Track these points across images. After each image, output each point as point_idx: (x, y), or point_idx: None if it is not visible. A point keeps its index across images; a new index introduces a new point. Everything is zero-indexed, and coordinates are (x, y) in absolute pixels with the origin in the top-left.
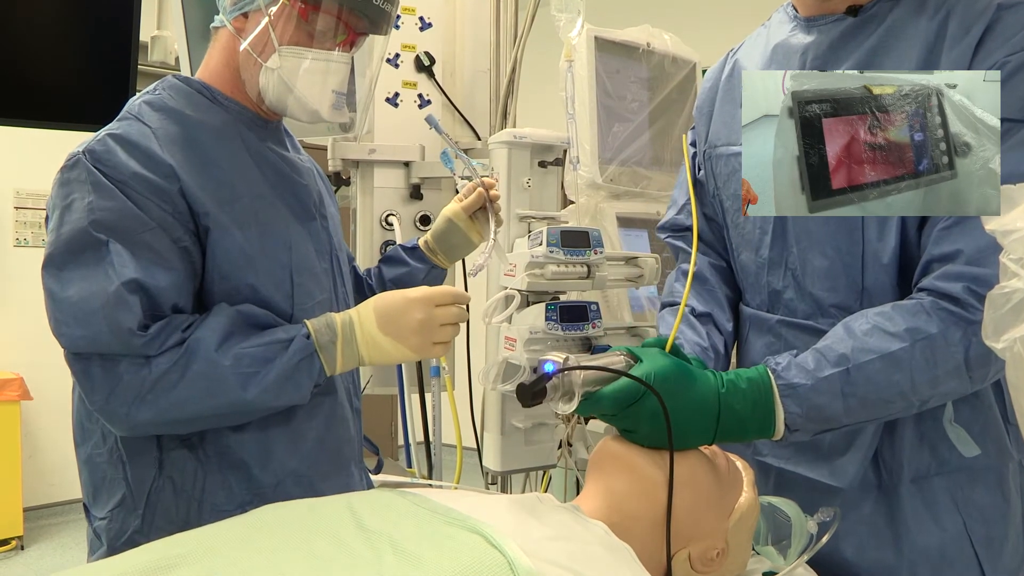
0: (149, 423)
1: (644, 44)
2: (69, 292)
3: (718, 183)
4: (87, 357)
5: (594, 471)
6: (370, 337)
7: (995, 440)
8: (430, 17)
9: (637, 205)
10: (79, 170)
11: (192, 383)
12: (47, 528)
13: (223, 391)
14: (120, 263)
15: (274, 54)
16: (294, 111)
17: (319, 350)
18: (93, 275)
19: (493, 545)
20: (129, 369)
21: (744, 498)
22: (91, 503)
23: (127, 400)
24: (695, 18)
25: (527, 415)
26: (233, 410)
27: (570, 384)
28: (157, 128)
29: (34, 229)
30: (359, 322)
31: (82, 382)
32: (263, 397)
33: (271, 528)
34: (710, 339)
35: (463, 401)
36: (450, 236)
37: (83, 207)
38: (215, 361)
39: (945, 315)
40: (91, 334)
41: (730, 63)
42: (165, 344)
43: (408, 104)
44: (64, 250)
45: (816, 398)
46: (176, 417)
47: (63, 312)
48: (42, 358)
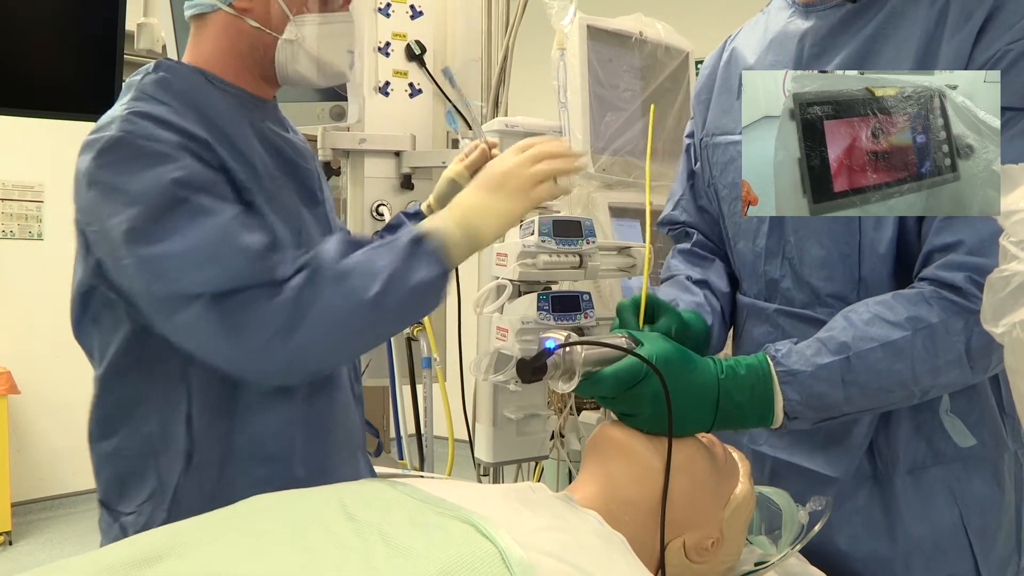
0: (302, 348)
1: (637, 33)
2: (178, 245)
3: (714, 172)
4: (220, 302)
5: (591, 456)
6: (470, 203)
7: (991, 430)
8: (421, 6)
9: (629, 195)
10: (124, 148)
11: (329, 292)
12: (36, 523)
13: (359, 291)
14: (218, 206)
15: (289, 24)
16: (316, 78)
17: (428, 233)
18: (197, 222)
19: (485, 535)
20: (267, 301)
21: (740, 488)
22: (115, 498)
23: (273, 328)
24: (688, 7)
25: (519, 406)
26: (374, 309)
27: (571, 362)
28: (175, 107)
29: (20, 221)
30: (458, 197)
31: (222, 331)
32: (395, 286)
33: (259, 519)
34: (707, 299)
35: (455, 392)
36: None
37: (151, 176)
38: (342, 267)
39: (947, 304)
40: (222, 267)
41: (728, 50)
42: (293, 266)
43: (399, 93)
44: (151, 217)
45: (816, 385)
46: (325, 332)
47: (184, 261)
48: (30, 352)
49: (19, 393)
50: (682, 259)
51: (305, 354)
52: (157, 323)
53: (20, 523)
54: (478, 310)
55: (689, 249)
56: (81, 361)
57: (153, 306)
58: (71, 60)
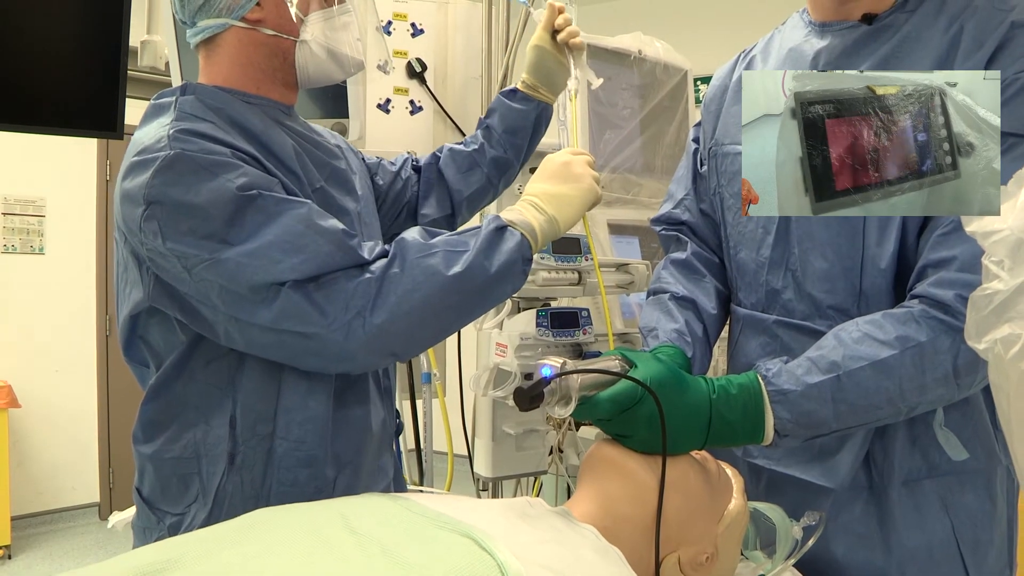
0: (384, 327)
1: (635, 51)
2: (258, 241)
3: (721, 180)
4: (303, 286)
5: (587, 474)
6: (545, 193)
7: (984, 444)
8: (422, 24)
9: (628, 212)
10: (183, 163)
11: (413, 271)
12: (35, 537)
13: (441, 270)
14: (288, 200)
15: (303, 26)
16: (337, 74)
17: (512, 223)
18: (272, 218)
19: (484, 548)
20: (350, 281)
21: (734, 504)
22: (157, 500)
23: (361, 307)
24: (686, 25)
25: (518, 421)
26: (456, 288)
27: (567, 388)
28: (218, 124)
29: (22, 235)
30: (528, 192)
31: (307, 312)
32: (477, 267)
33: (262, 533)
34: (688, 325)
35: (454, 408)
36: (543, 62)
37: (215, 186)
38: (426, 247)
39: (935, 323)
40: (307, 254)
41: (743, 64)
42: (374, 250)
43: (400, 110)
44: (225, 222)
45: (806, 404)
46: (408, 310)
47: (266, 255)
48: (30, 366)
49: (20, 407)
50: (673, 270)
51: (388, 334)
52: (233, 329)
53: (19, 537)
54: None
55: (683, 260)
56: (82, 376)
57: (233, 306)
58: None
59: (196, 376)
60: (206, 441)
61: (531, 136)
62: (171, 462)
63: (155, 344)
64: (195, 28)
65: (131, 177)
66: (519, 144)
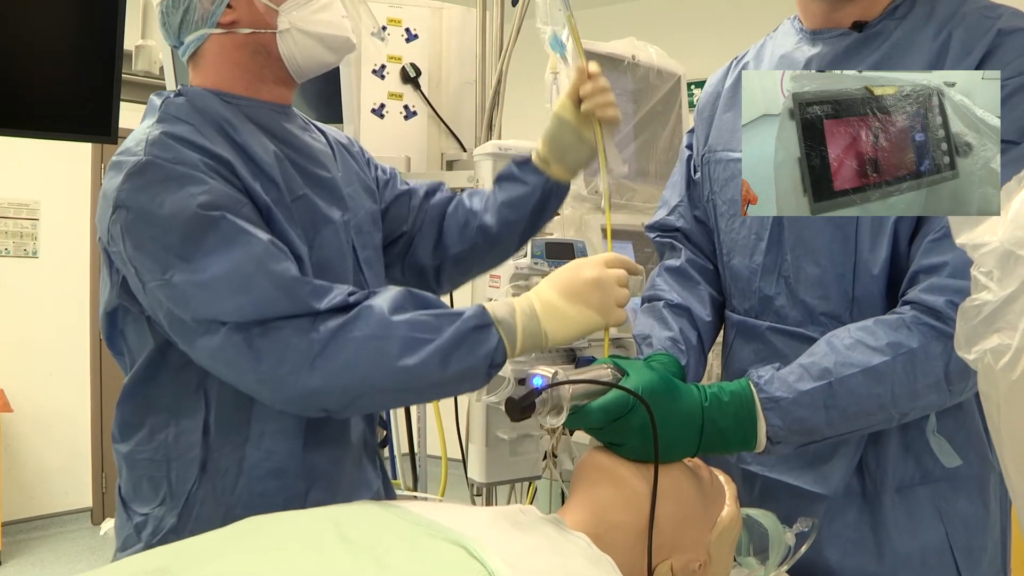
0: (317, 390)
1: (629, 57)
2: (211, 271)
3: (714, 187)
4: (246, 328)
5: (579, 482)
6: (548, 303)
7: (978, 451)
8: (416, 29)
9: (622, 217)
10: (152, 171)
11: (363, 345)
12: (26, 543)
13: (393, 355)
14: (247, 232)
15: (279, 17)
16: (327, 56)
17: (496, 322)
18: (229, 247)
19: (475, 557)
20: (295, 333)
21: (727, 511)
22: (130, 498)
23: (297, 364)
24: (680, 31)
25: (512, 427)
26: (402, 380)
27: (559, 398)
28: (200, 127)
29: (15, 239)
30: (535, 292)
31: (244, 355)
32: (432, 366)
33: (253, 540)
34: (682, 333)
35: (448, 412)
36: (560, 135)
37: (178, 199)
38: (388, 323)
39: (926, 329)
40: (254, 297)
41: (735, 71)
42: (332, 300)
43: (394, 115)
44: (180, 242)
45: (798, 411)
46: (345, 384)
47: (212, 290)
48: (23, 370)
49: (12, 411)
50: (668, 278)
51: (321, 395)
52: (179, 343)
53: (10, 543)
54: None
55: (677, 267)
56: (74, 380)
57: (176, 329)
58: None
59: (167, 379)
60: (177, 444)
61: (533, 214)
62: (143, 463)
63: (131, 342)
64: (183, 47)
65: (109, 176)
66: (513, 221)
